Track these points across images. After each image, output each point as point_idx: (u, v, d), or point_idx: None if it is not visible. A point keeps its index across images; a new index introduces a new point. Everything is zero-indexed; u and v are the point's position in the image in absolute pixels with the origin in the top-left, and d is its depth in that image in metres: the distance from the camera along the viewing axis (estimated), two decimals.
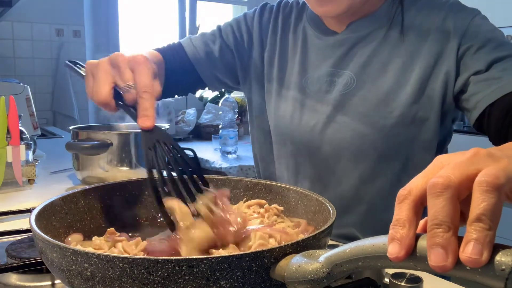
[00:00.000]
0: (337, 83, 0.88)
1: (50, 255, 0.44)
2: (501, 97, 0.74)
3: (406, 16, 0.85)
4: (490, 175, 0.32)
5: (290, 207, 0.65)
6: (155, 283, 0.39)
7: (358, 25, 0.88)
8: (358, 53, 0.87)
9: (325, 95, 0.89)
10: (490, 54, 0.77)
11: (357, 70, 0.87)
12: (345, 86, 0.87)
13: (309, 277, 0.40)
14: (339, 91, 0.87)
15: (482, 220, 0.30)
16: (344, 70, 0.88)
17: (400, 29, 0.85)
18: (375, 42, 0.86)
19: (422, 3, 0.86)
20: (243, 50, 1.01)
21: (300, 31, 0.96)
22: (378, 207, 0.88)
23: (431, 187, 0.33)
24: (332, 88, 0.89)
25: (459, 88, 0.81)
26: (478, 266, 0.30)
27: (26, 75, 2.86)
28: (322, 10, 0.85)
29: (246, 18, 1.02)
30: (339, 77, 0.88)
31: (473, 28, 0.80)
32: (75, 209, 0.61)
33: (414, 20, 0.85)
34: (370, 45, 0.87)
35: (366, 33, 0.87)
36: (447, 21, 0.82)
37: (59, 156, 1.50)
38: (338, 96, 0.87)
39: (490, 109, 0.75)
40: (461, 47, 0.80)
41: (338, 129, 0.87)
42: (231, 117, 2.74)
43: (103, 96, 0.64)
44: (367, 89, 0.85)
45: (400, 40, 0.85)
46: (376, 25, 0.87)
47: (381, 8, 0.87)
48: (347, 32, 0.89)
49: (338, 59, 0.89)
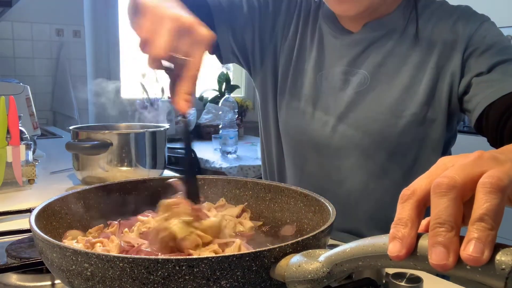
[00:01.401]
0: (351, 82, 0.89)
1: (50, 255, 0.44)
2: (499, 98, 0.75)
3: (420, 19, 0.87)
4: (494, 177, 0.32)
5: (290, 207, 0.65)
6: (155, 283, 0.39)
7: (374, 26, 0.89)
8: (373, 53, 0.88)
9: (338, 93, 0.90)
10: (493, 57, 0.78)
11: (371, 70, 0.88)
12: (359, 85, 0.88)
13: (309, 276, 0.40)
14: (353, 89, 0.89)
15: (485, 220, 0.31)
16: (358, 69, 0.89)
17: (414, 31, 0.87)
18: (390, 43, 0.88)
19: (435, 7, 0.88)
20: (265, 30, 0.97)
21: (317, 29, 0.96)
22: (385, 205, 0.89)
23: (436, 186, 0.33)
24: (346, 86, 0.90)
25: (462, 89, 0.82)
26: (479, 265, 0.30)
27: (26, 75, 2.86)
28: (341, 8, 0.85)
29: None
30: (353, 75, 0.89)
31: (480, 33, 0.82)
32: (75, 209, 0.61)
33: (427, 24, 0.86)
34: (385, 46, 0.88)
35: (382, 33, 0.89)
36: (457, 25, 0.84)
37: (59, 156, 1.50)
38: (351, 94, 0.88)
39: (488, 110, 0.76)
40: (467, 50, 0.82)
41: (349, 126, 0.88)
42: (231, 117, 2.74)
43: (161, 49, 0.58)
44: (380, 88, 0.87)
45: (414, 42, 0.86)
46: (391, 27, 0.88)
47: (396, 10, 0.89)
48: (363, 32, 0.90)
49: (353, 58, 0.90)
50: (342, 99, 0.89)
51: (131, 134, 1.10)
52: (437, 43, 0.84)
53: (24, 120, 1.38)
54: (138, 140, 1.10)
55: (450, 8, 0.88)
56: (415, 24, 0.87)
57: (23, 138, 1.17)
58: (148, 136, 1.12)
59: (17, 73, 2.84)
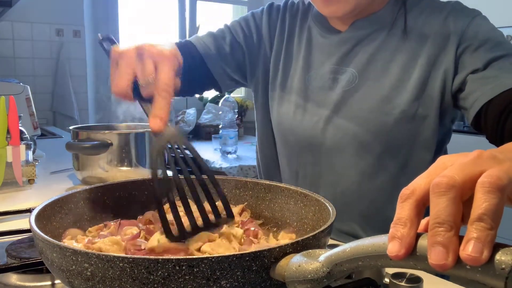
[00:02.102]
0: (340, 80, 0.89)
1: (50, 255, 0.44)
2: (497, 95, 0.74)
3: (408, 17, 0.87)
4: (493, 176, 0.32)
5: (290, 207, 0.65)
6: (155, 282, 0.39)
7: (361, 24, 0.89)
8: (361, 51, 0.89)
9: (328, 92, 0.90)
10: (488, 53, 0.78)
11: (359, 68, 0.88)
12: (348, 83, 0.88)
13: (309, 276, 0.40)
14: (342, 87, 0.89)
15: (484, 219, 0.31)
16: (346, 68, 0.89)
17: (402, 28, 0.86)
18: (378, 40, 0.88)
19: (424, 4, 0.87)
20: (252, 46, 1.01)
21: (305, 30, 0.97)
22: (379, 203, 0.89)
23: (435, 186, 0.33)
24: (335, 85, 0.90)
25: (457, 86, 0.81)
26: (478, 265, 0.30)
27: (26, 75, 2.86)
28: (328, 10, 0.86)
29: (254, 16, 1.03)
30: (341, 74, 0.90)
31: (473, 28, 0.81)
32: (75, 209, 0.61)
33: (416, 20, 0.86)
34: (373, 43, 0.88)
35: (369, 31, 0.89)
36: (448, 21, 0.83)
37: (59, 156, 1.50)
38: (340, 92, 0.89)
39: (487, 107, 0.76)
40: (460, 46, 0.81)
41: (340, 125, 0.88)
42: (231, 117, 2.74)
43: (121, 88, 0.61)
44: (369, 86, 0.86)
45: (402, 39, 0.86)
46: (379, 24, 0.88)
47: (384, 8, 0.89)
48: (351, 30, 0.90)
49: (341, 57, 0.90)
50: (331, 98, 0.89)
51: (131, 134, 1.10)
52: (428, 39, 0.84)
53: (24, 120, 1.38)
54: (138, 140, 1.10)
55: (439, 4, 0.87)
56: (404, 20, 0.86)
57: (23, 138, 1.17)
58: (148, 136, 1.12)
59: (17, 73, 2.84)
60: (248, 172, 2.36)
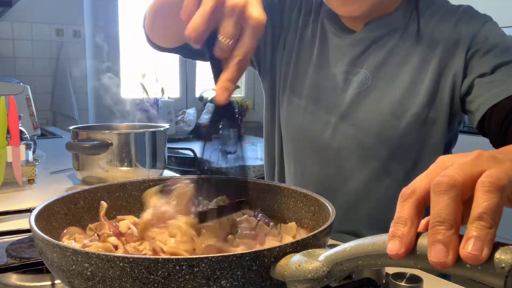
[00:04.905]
0: (352, 81, 0.89)
1: (50, 255, 0.44)
2: (503, 100, 0.74)
3: (421, 19, 0.87)
4: (493, 176, 0.32)
5: (290, 207, 0.65)
6: (156, 282, 0.39)
7: (376, 25, 0.89)
8: (374, 53, 0.88)
9: (340, 93, 0.90)
10: (497, 58, 0.78)
11: (372, 69, 0.88)
12: (360, 85, 0.88)
13: (309, 276, 0.40)
14: (354, 89, 0.88)
15: (484, 218, 0.31)
16: (359, 69, 0.89)
17: (415, 31, 0.86)
18: (391, 43, 0.87)
19: (436, 8, 0.88)
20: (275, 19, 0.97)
21: (319, 25, 0.95)
22: (385, 206, 0.89)
23: (436, 185, 0.33)
24: (347, 86, 0.89)
25: (465, 90, 0.82)
26: (478, 263, 0.30)
27: (26, 75, 2.87)
28: (346, 9, 0.85)
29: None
30: (354, 75, 0.89)
31: (483, 33, 0.81)
32: (75, 209, 0.61)
33: (428, 24, 0.86)
34: (386, 46, 0.88)
35: (383, 33, 0.88)
36: (459, 26, 0.84)
37: (59, 156, 1.50)
38: (352, 94, 0.88)
39: (491, 111, 0.76)
40: (470, 50, 0.81)
41: (350, 127, 0.88)
42: None
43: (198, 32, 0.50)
44: (381, 88, 0.86)
45: (415, 42, 0.86)
46: (393, 26, 0.88)
47: (397, 10, 0.89)
48: (365, 31, 0.90)
49: (354, 58, 0.90)
50: (343, 99, 0.89)
51: (131, 134, 1.10)
52: (439, 43, 0.84)
53: (24, 120, 1.38)
54: (138, 140, 1.10)
55: (451, 7, 0.87)
56: (417, 23, 0.87)
57: (23, 138, 1.17)
58: (148, 136, 1.12)
59: (17, 73, 2.84)
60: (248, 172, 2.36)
